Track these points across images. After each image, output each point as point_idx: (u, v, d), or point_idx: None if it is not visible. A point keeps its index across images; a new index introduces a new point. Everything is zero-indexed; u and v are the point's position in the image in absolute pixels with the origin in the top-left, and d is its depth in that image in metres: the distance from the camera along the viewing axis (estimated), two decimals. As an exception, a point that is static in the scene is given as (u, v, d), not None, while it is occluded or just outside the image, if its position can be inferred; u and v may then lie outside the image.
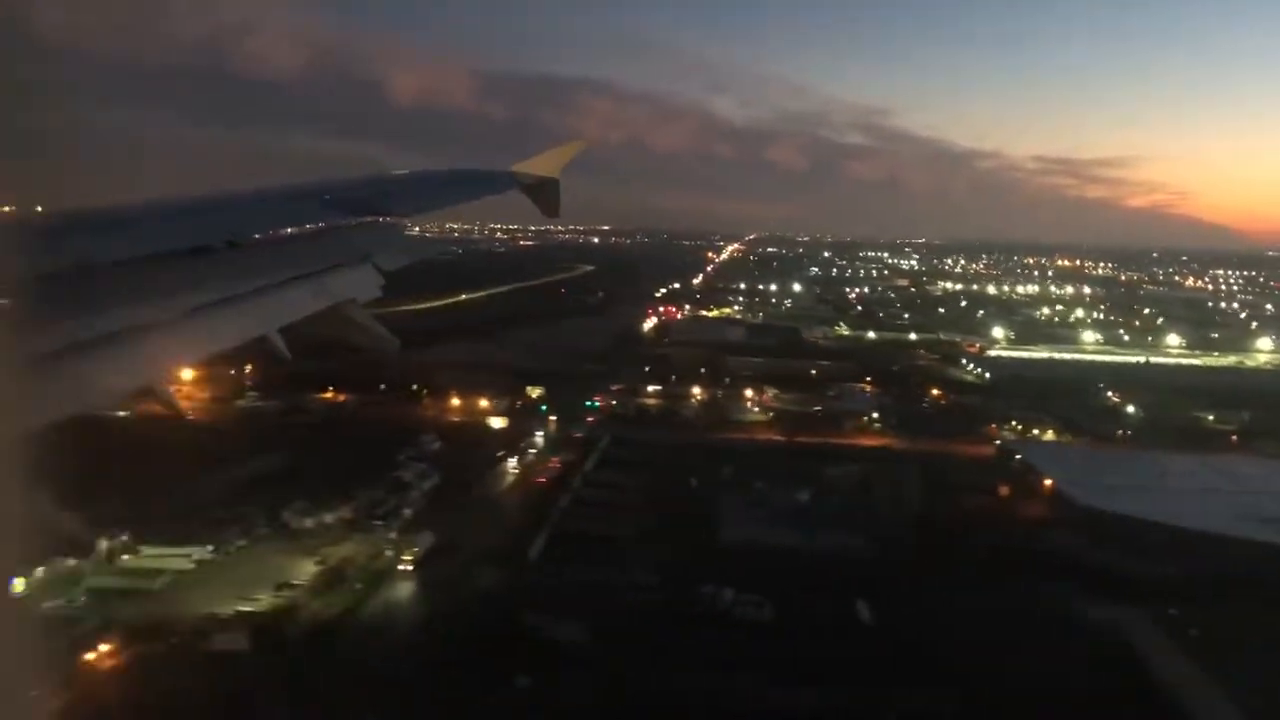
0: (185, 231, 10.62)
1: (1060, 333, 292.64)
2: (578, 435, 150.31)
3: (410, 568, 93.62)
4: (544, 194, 20.85)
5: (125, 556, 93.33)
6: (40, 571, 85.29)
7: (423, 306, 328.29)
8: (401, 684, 72.47)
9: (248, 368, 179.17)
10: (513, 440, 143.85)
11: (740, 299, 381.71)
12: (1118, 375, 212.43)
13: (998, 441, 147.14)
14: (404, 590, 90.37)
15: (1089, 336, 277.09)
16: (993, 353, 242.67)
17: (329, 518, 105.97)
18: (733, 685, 72.81)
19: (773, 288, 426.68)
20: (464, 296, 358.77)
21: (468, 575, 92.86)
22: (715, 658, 77.01)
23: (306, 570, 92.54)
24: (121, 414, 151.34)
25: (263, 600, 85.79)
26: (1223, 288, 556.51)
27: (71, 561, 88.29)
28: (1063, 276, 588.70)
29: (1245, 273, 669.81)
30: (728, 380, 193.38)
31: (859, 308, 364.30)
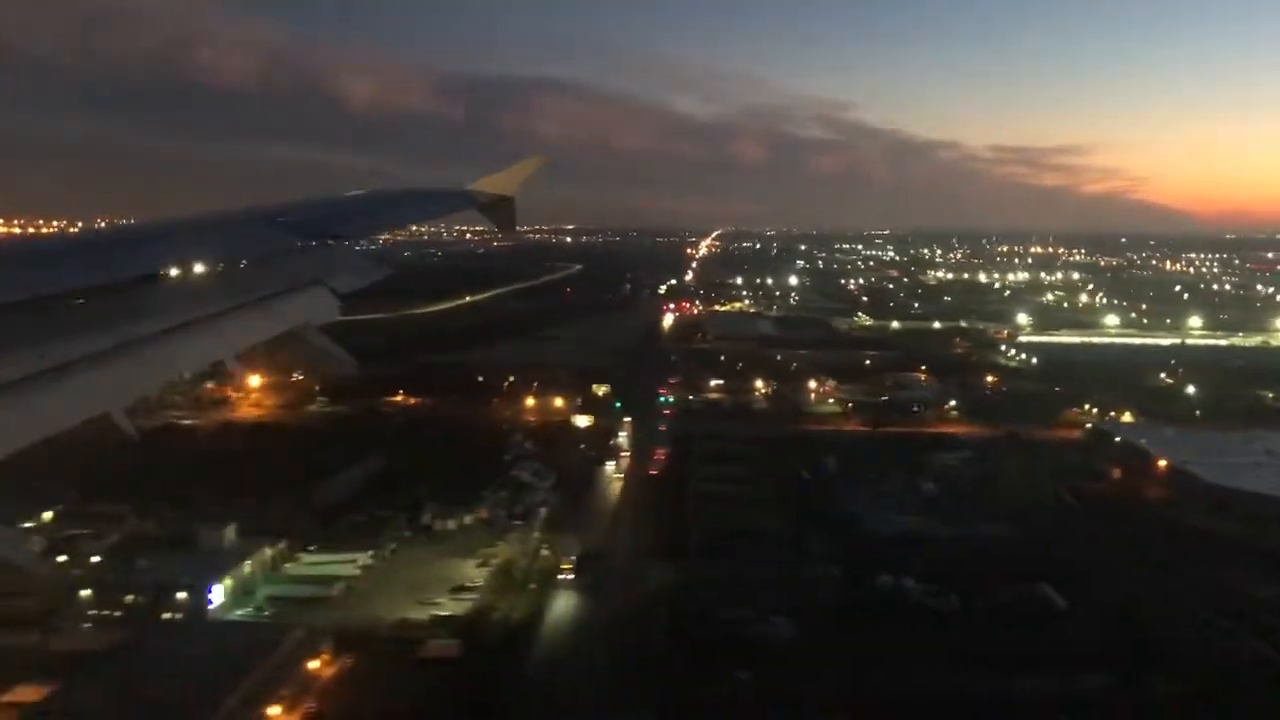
0: (137, 259, 10.47)
1: (1079, 318, 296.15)
2: (662, 429, 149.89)
3: (572, 567, 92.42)
4: (499, 211, 20.98)
5: (287, 564, 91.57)
6: (226, 583, 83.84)
7: (438, 309, 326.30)
8: (628, 683, 71.55)
9: (295, 375, 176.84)
10: (601, 437, 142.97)
11: (744, 293, 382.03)
12: (1156, 357, 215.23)
13: (1088, 425, 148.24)
14: (579, 590, 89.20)
15: (1111, 320, 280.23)
16: (1024, 339, 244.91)
17: (468, 519, 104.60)
18: (958, 677, 72.52)
19: (768, 281, 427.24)
20: (470, 299, 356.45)
21: (637, 573, 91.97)
22: (924, 647, 76.71)
23: (472, 573, 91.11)
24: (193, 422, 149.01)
25: (445, 604, 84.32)
26: (1203, 270, 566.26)
27: (246, 569, 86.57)
28: (1042, 264, 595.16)
29: (1215, 255, 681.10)
30: (783, 373, 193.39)
31: (865, 298, 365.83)
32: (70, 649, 73.23)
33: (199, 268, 11.22)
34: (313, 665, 70.81)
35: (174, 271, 10.57)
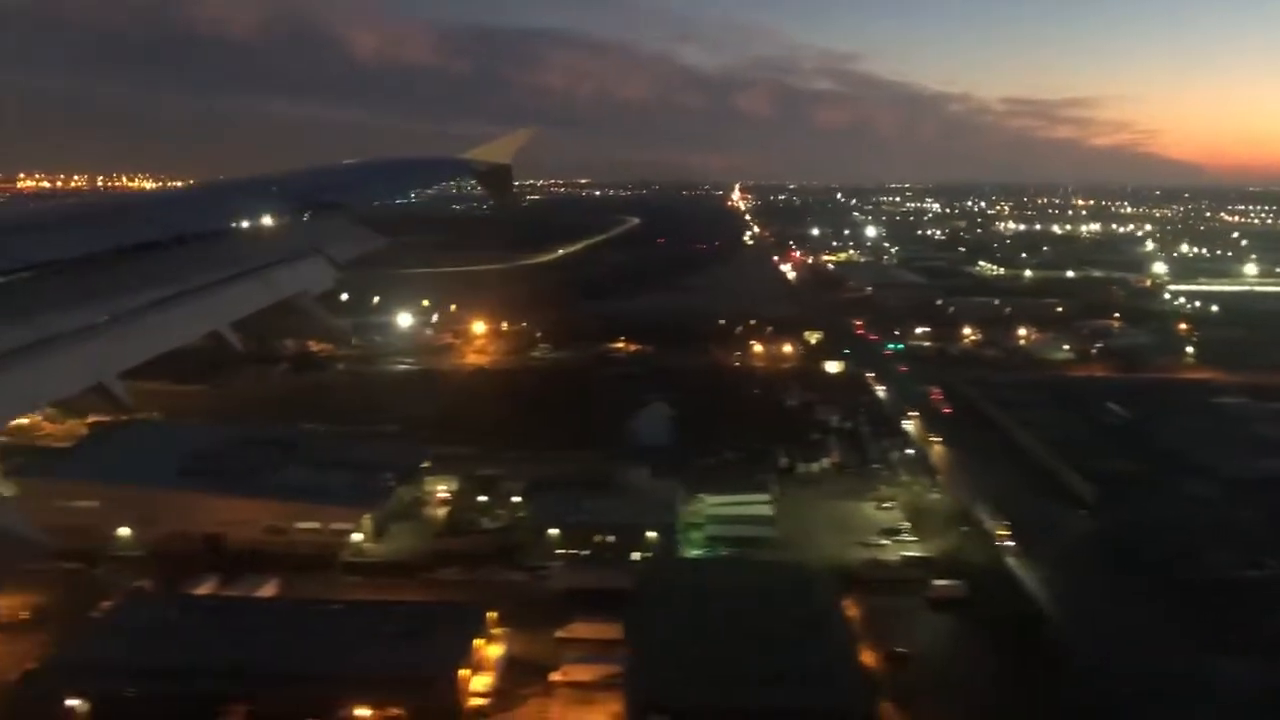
0: (135, 228, 10.46)
1: (1212, 266, 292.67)
2: (903, 371, 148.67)
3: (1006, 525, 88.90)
4: (496, 179, 21.26)
5: (692, 507, 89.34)
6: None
7: (544, 259, 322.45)
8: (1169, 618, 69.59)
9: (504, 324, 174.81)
10: (856, 383, 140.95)
11: (836, 243, 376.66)
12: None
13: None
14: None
15: (1249, 270, 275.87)
16: (1176, 287, 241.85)
17: (825, 463, 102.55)
18: None
19: (845, 231, 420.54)
20: (563, 250, 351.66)
21: (1049, 518, 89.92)
22: None
23: (882, 516, 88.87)
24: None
25: (889, 546, 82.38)
26: (1264, 220, 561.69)
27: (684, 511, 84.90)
28: (1099, 216, 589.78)
29: (1264, 207, 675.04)
30: (973, 320, 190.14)
31: (960, 248, 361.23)
32: (572, 586, 71.67)
33: (198, 237, 11.10)
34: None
35: (172, 241, 10.47)
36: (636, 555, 77.24)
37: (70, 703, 55.37)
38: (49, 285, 8.35)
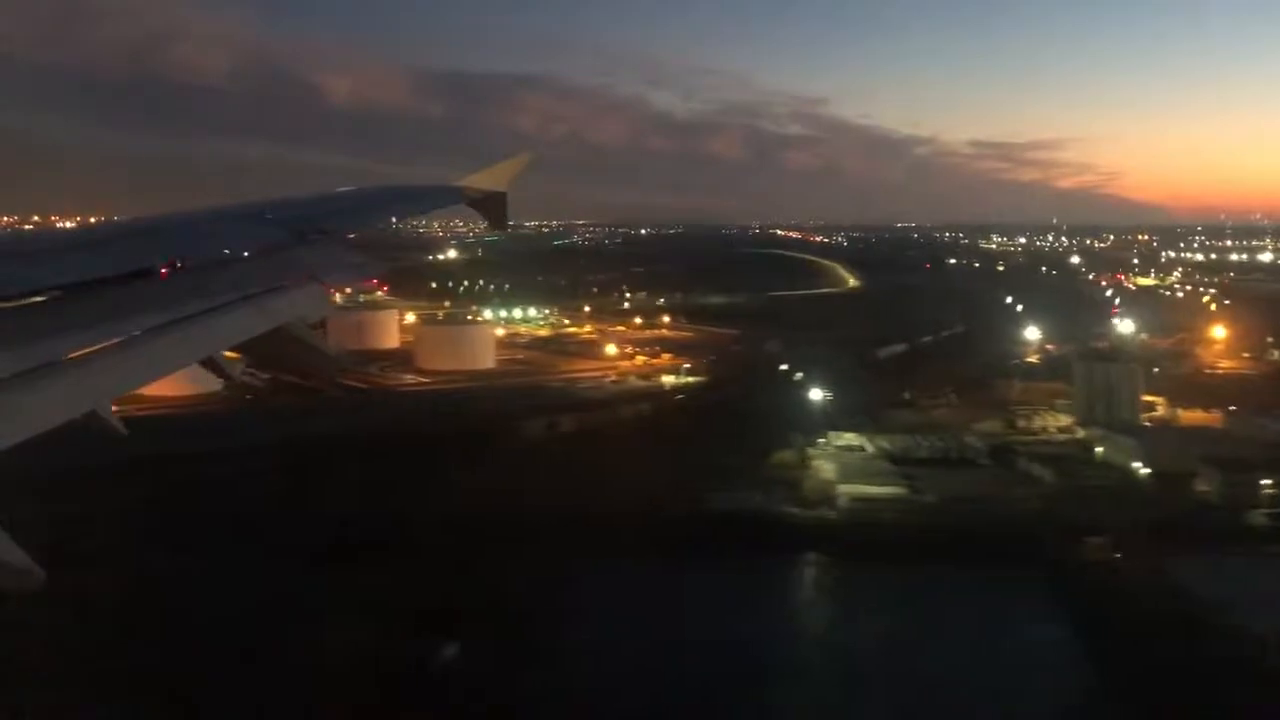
0: (127, 255, 10.33)
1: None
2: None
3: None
4: (491, 207, 19.44)
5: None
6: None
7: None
8: None
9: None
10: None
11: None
12: None
13: None
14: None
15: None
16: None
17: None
18: None
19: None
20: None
21: None
22: None
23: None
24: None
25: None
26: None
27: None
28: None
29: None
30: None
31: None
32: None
33: (190, 264, 10.89)
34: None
35: (164, 268, 10.30)
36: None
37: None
38: (40, 312, 8.25)
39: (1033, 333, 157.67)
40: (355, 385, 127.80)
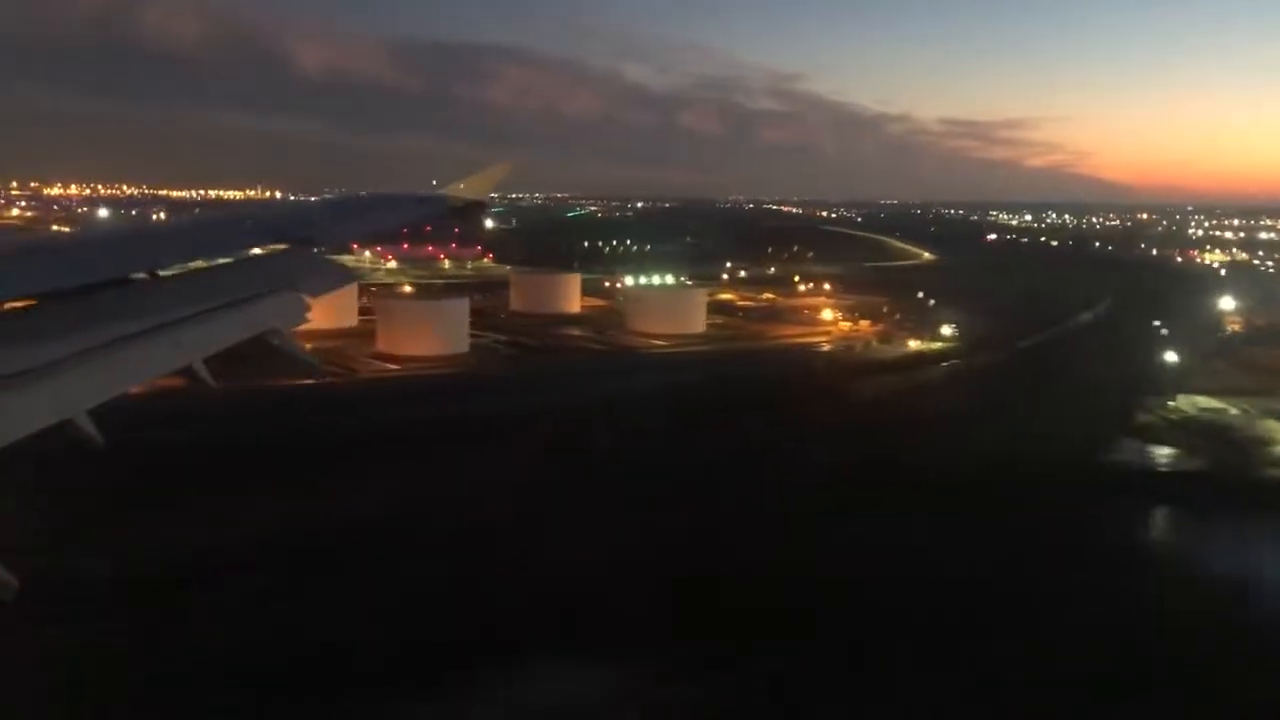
0: (104, 263, 10.43)
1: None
2: None
3: None
4: (469, 216, 20.69)
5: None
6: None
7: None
8: None
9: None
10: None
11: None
12: None
13: None
14: None
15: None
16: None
17: None
18: None
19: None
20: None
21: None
22: None
23: None
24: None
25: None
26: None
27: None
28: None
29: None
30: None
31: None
32: None
33: (168, 272, 10.89)
34: None
35: (142, 276, 10.27)
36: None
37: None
38: (14, 320, 8.32)
39: (1228, 303, 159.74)
40: (601, 348, 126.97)
